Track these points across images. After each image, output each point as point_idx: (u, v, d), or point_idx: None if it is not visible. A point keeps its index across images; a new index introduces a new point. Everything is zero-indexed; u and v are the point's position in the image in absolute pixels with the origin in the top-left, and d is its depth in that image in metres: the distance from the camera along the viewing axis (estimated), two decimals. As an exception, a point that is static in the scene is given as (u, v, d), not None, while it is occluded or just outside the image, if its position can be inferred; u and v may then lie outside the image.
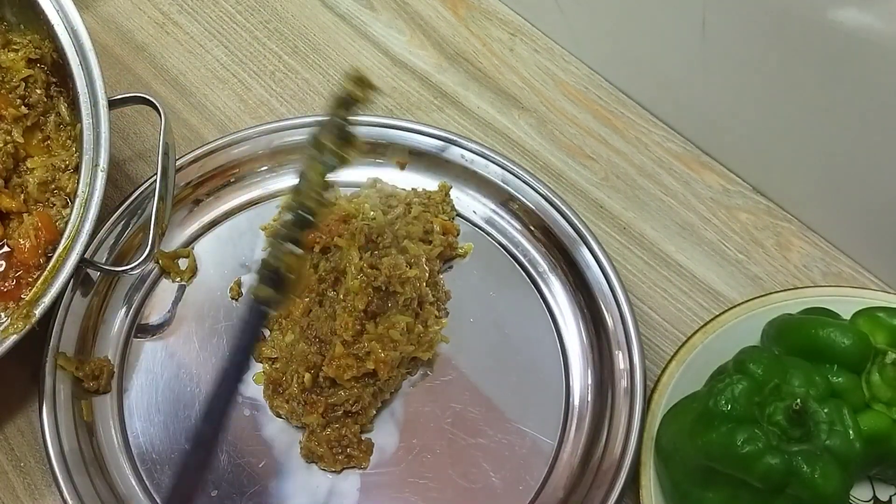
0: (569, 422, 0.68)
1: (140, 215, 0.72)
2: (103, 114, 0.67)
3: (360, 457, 0.66)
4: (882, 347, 0.60)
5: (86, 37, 0.69)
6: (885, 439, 0.59)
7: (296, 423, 0.67)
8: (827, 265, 0.76)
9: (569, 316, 0.72)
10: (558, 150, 0.82)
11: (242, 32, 0.87)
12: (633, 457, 0.63)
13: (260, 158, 0.77)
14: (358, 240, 0.69)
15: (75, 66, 0.68)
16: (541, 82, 0.85)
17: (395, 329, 0.67)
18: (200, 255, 0.74)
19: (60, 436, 0.64)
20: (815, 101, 0.69)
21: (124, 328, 0.71)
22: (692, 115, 0.81)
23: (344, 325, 0.66)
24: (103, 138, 0.67)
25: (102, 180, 0.66)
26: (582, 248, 0.71)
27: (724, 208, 0.79)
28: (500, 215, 0.76)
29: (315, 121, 0.76)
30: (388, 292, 0.67)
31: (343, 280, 0.68)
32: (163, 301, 0.72)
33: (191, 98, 0.83)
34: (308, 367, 0.66)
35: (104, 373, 0.68)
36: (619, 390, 0.66)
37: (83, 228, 0.64)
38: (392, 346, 0.66)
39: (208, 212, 0.76)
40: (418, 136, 0.76)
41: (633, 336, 0.68)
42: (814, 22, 0.65)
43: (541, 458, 0.67)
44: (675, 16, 0.74)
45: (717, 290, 0.75)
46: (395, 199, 0.74)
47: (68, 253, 0.64)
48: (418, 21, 0.88)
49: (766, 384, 0.57)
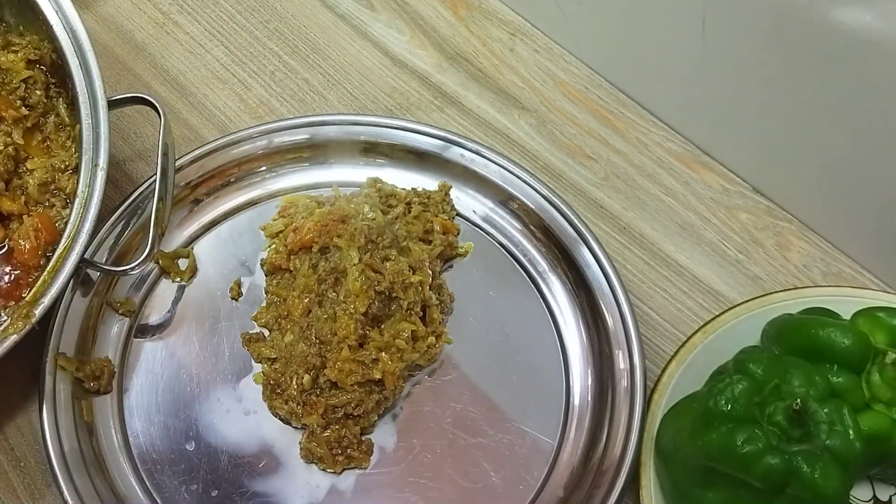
0: (569, 421, 0.68)
1: (140, 215, 0.72)
2: (102, 114, 0.67)
3: (360, 457, 0.66)
4: (882, 347, 0.60)
5: (85, 37, 0.69)
6: (885, 439, 0.59)
7: (296, 425, 0.67)
8: (827, 265, 0.76)
9: (569, 315, 0.72)
10: (558, 150, 0.82)
11: (242, 32, 0.87)
12: (633, 456, 0.63)
13: (259, 158, 0.77)
14: (357, 240, 0.69)
15: (74, 66, 0.68)
16: (541, 82, 0.85)
17: (401, 338, 0.67)
18: (200, 255, 0.74)
19: (60, 436, 0.64)
20: (816, 100, 0.69)
21: (124, 328, 0.70)
22: (692, 115, 0.81)
23: (345, 327, 0.66)
24: (103, 138, 0.66)
25: (102, 180, 0.65)
26: (582, 247, 0.71)
27: (724, 208, 0.79)
28: (500, 215, 0.76)
29: (314, 120, 0.77)
30: (390, 297, 0.68)
31: (343, 281, 0.68)
32: (163, 301, 0.72)
33: (191, 98, 0.83)
34: (308, 369, 0.66)
35: (105, 373, 0.68)
36: (620, 390, 0.66)
37: (83, 228, 0.64)
38: (399, 355, 0.66)
39: (208, 212, 0.76)
40: (418, 135, 0.76)
41: (633, 335, 0.68)
42: (814, 22, 0.65)
43: (541, 458, 0.67)
44: (676, 16, 0.74)
45: (717, 290, 0.75)
46: (394, 199, 0.74)
47: (68, 253, 0.63)
48: (418, 21, 0.88)
49: (766, 384, 0.57)
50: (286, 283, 0.71)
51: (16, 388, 0.69)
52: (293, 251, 0.71)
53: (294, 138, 0.76)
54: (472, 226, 0.76)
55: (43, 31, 0.71)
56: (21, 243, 0.67)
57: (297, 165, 0.77)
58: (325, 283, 0.69)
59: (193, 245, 0.74)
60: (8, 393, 0.69)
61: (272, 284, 0.72)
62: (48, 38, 0.70)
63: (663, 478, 0.63)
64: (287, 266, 0.71)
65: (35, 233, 0.67)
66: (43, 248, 0.66)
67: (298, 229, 0.71)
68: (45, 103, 0.72)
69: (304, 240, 0.70)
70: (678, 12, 0.73)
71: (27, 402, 0.69)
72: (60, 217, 0.69)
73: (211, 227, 0.75)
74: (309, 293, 0.69)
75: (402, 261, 0.69)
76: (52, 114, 0.73)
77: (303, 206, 0.74)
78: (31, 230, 0.67)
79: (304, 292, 0.69)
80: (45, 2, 0.69)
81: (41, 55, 0.72)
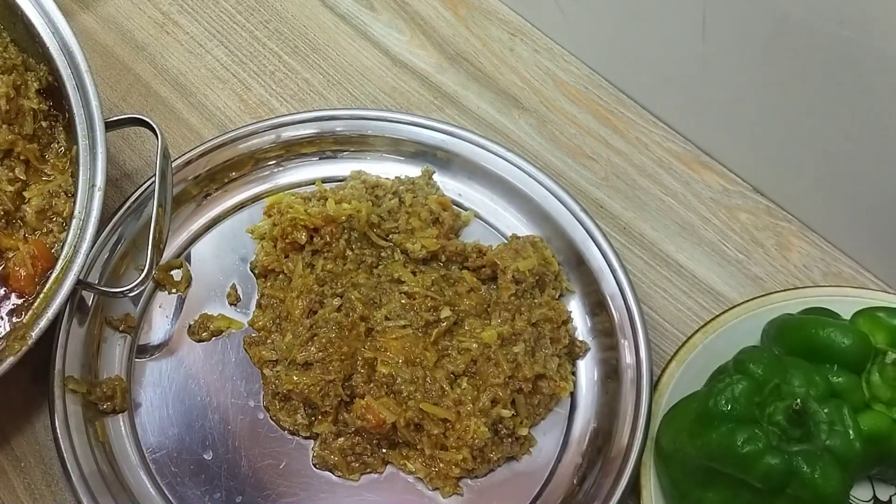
0: (575, 407, 0.68)
1: (132, 225, 0.71)
2: (100, 135, 0.66)
3: (375, 463, 0.66)
4: (882, 347, 0.60)
5: (82, 58, 0.67)
6: (886, 439, 0.59)
7: (304, 434, 0.66)
8: (827, 265, 0.76)
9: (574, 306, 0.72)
10: (558, 150, 0.82)
11: (242, 32, 0.87)
12: (641, 442, 0.63)
13: (245, 162, 0.76)
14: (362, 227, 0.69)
15: (71, 87, 0.67)
16: (541, 82, 0.85)
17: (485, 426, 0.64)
18: (202, 254, 0.73)
19: (79, 460, 0.63)
20: (816, 100, 0.69)
21: (126, 346, 0.69)
22: (692, 114, 0.81)
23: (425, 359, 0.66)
24: (100, 158, 0.65)
25: (100, 200, 0.64)
26: (587, 240, 0.72)
27: (725, 208, 0.79)
28: (504, 206, 0.76)
29: (315, 116, 0.77)
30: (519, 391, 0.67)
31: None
32: (162, 314, 0.71)
33: (191, 98, 0.83)
34: (328, 382, 0.65)
35: (118, 392, 0.66)
36: (626, 378, 0.66)
37: (80, 250, 0.63)
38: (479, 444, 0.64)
39: (203, 214, 0.75)
40: (424, 130, 0.76)
41: (637, 320, 0.68)
42: (814, 22, 0.65)
43: (551, 442, 0.67)
44: (676, 15, 0.74)
45: (718, 290, 0.75)
46: (381, 189, 0.74)
47: (65, 275, 0.62)
48: (418, 21, 0.88)
49: (766, 384, 0.57)
50: (280, 284, 0.71)
51: (15, 388, 0.69)
52: (287, 252, 0.71)
53: (303, 132, 0.76)
54: (479, 220, 0.76)
55: (39, 53, 0.69)
56: (17, 270, 0.65)
57: (306, 160, 0.77)
58: (327, 286, 0.70)
59: (189, 249, 0.74)
60: (8, 394, 0.69)
61: (266, 287, 0.71)
62: (45, 59, 0.69)
63: (663, 478, 0.63)
64: (280, 268, 0.71)
65: (32, 260, 0.65)
66: (40, 276, 0.65)
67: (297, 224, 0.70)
68: (48, 134, 0.71)
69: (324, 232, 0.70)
70: (678, 12, 0.73)
71: (27, 403, 0.69)
72: (58, 241, 0.67)
73: (214, 225, 0.75)
74: (308, 293, 0.69)
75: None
76: (54, 143, 0.71)
77: (287, 204, 0.73)
78: (28, 258, 0.65)
79: (302, 293, 0.69)
80: (41, 24, 0.68)
81: (38, 77, 0.71)
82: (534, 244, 0.72)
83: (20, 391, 0.69)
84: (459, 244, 0.72)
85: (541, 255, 0.71)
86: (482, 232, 0.75)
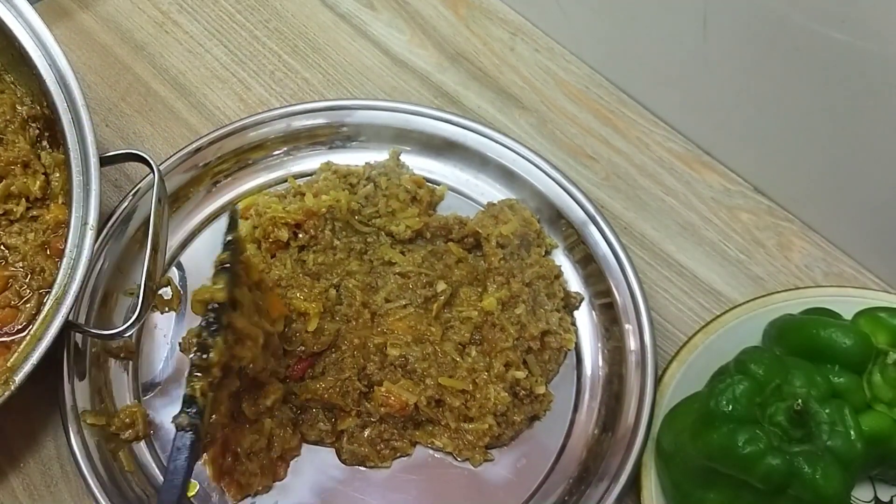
0: (581, 391, 0.69)
1: (116, 245, 0.71)
2: (94, 172, 0.64)
3: (404, 446, 0.66)
4: (883, 348, 0.60)
5: (78, 92, 0.66)
6: (887, 440, 0.58)
7: (329, 441, 0.66)
8: (828, 265, 0.76)
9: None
10: (559, 150, 0.81)
11: (242, 32, 0.87)
12: (646, 423, 0.64)
13: (230, 158, 0.76)
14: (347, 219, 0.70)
15: (67, 122, 0.65)
16: (541, 82, 0.85)
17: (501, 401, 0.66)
18: (202, 252, 0.73)
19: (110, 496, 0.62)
20: (816, 100, 0.69)
21: (130, 371, 0.69)
22: (693, 114, 0.81)
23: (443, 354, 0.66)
24: (93, 195, 0.64)
25: (91, 239, 0.62)
26: (591, 226, 0.72)
27: (726, 208, 0.79)
28: (475, 176, 0.77)
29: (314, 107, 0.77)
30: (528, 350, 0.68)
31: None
32: (159, 335, 0.70)
33: (191, 98, 0.83)
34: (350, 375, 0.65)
35: (138, 418, 0.65)
36: (630, 362, 0.67)
37: (69, 290, 0.61)
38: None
39: (191, 219, 0.75)
40: (435, 121, 0.77)
41: (641, 306, 0.68)
42: (815, 22, 0.64)
43: (560, 422, 0.68)
44: (677, 15, 0.74)
45: (719, 291, 0.75)
46: (353, 177, 0.74)
47: (53, 316, 0.60)
48: (419, 20, 0.88)
49: (767, 384, 0.57)
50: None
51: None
52: (272, 252, 0.71)
53: (316, 122, 0.77)
54: (453, 192, 0.76)
55: (35, 85, 0.68)
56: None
57: (316, 148, 0.78)
58: (326, 281, 0.70)
59: (178, 257, 0.73)
60: (7, 394, 0.68)
61: None
62: (41, 92, 0.67)
63: (664, 478, 0.63)
64: (268, 269, 0.70)
65: None
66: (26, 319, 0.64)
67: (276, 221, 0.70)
68: (47, 190, 0.71)
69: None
70: (679, 12, 0.73)
71: (26, 403, 0.69)
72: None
73: (198, 233, 0.75)
74: (303, 288, 0.69)
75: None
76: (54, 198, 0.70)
77: (264, 204, 0.73)
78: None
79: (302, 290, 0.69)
80: (39, 58, 0.67)
81: (35, 112, 0.71)
82: (511, 207, 0.73)
83: (19, 391, 0.68)
84: (441, 218, 0.73)
85: (520, 217, 0.72)
86: (458, 203, 0.76)
